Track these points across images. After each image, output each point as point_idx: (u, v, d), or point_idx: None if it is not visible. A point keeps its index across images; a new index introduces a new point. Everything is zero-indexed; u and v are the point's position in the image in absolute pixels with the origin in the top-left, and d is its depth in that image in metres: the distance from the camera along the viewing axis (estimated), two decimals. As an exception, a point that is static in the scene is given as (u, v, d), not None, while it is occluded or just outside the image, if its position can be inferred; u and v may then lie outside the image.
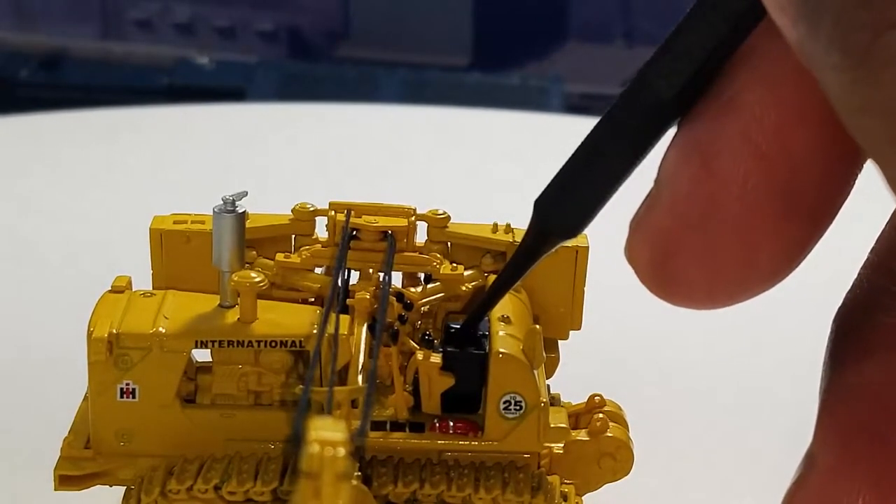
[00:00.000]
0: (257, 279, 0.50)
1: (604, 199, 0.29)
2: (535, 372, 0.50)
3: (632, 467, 0.54)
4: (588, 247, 0.55)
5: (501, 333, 0.50)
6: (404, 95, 1.79)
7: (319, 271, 0.55)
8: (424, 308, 0.54)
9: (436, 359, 0.50)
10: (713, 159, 0.25)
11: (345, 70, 1.91)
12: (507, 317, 0.51)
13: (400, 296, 0.52)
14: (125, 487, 0.52)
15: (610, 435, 0.53)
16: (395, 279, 0.53)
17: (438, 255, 0.55)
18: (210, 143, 1.12)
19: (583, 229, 0.31)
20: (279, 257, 0.54)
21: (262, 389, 0.51)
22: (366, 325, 0.50)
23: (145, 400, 0.50)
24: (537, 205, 0.31)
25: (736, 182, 0.24)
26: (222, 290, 0.51)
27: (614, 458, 0.53)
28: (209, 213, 0.52)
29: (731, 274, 0.25)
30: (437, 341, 0.51)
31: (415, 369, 0.50)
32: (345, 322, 0.50)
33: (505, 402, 0.50)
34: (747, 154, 0.24)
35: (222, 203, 0.51)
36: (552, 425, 0.52)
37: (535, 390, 0.50)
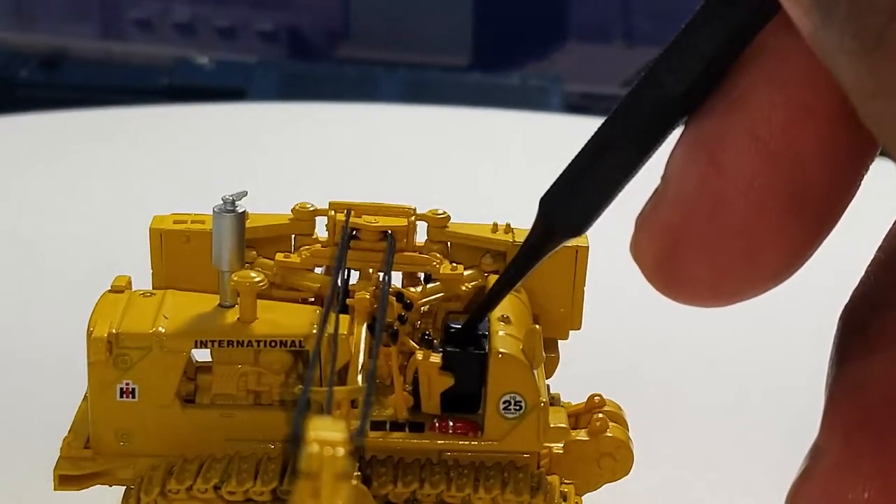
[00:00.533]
0: (257, 279, 0.50)
1: (610, 197, 0.29)
2: (535, 372, 0.50)
3: (632, 467, 0.54)
4: (588, 247, 0.55)
5: (501, 333, 0.50)
6: (404, 95, 1.79)
7: (319, 271, 0.55)
8: (424, 308, 0.54)
9: (435, 359, 0.50)
10: (720, 157, 0.25)
11: (345, 70, 1.91)
12: (507, 317, 0.51)
13: (400, 296, 0.52)
14: (125, 487, 0.52)
15: (610, 435, 0.53)
16: (395, 279, 0.53)
17: (438, 255, 0.55)
18: (210, 143, 1.12)
19: (588, 228, 0.31)
20: (279, 257, 0.54)
21: (261, 389, 0.51)
22: (365, 325, 0.50)
23: (145, 400, 0.50)
24: (542, 203, 0.31)
25: (743, 180, 0.24)
26: (222, 290, 0.51)
27: (614, 458, 0.53)
28: (209, 212, 0.52)
29: (736, 271, 0.25)
30: (436, 341, 0.51)
31: (414, 369, 0.50)
32: (344, 322, 0.50)
33: (505, 402, 0.50)
34: (755, 152, 0.24)
35: (222, 203, 0.51)
36: (552, 425, 0.52)
37: (534, 390, 0.50)
